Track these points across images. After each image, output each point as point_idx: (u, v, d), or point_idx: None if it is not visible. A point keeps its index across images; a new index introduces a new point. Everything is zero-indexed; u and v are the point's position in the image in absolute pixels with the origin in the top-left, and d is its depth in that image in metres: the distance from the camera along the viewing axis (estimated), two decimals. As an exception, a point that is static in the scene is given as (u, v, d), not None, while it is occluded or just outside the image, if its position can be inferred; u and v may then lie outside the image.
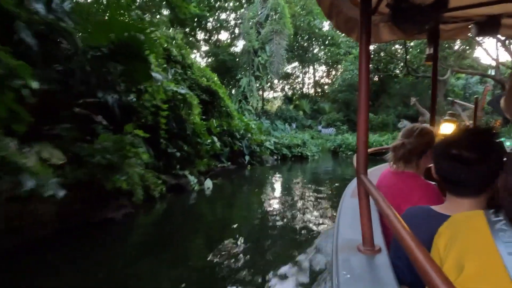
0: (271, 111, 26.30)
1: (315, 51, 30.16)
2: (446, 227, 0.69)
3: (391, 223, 0.59)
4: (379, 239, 0.96)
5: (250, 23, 19.54)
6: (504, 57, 24.82)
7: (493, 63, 19.67)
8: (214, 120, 8.44)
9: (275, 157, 12.71)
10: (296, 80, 35.91)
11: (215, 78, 9.84)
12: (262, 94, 31.63)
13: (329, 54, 26.86)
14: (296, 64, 33.54)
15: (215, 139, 7.68)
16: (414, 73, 19.87)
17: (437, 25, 1.92)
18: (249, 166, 10.10)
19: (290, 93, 35.30)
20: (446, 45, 23.27)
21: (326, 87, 33.10)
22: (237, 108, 19.48)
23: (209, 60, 24.62)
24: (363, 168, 0.97)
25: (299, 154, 13.51)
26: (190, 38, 25.71)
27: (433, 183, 1.31)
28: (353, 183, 1.78)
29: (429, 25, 1.20)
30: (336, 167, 12.34)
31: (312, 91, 34.35)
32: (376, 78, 25.74)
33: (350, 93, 23.77)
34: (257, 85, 20.71)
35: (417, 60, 21.99)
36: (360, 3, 0.94)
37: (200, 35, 27.56)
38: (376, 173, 1.64)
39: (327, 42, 27.50)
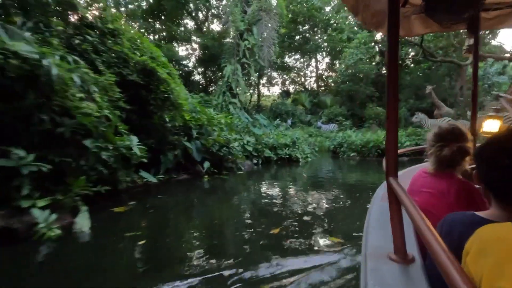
0: (266, 106, 23.59)
1: (316, 38, 27.07)
2: (471, 243, 0.64)
3: (421, 234, 0.57)
4: (412, 247, 0.89)
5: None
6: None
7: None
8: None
9: (255, 160, 9.92)
10: (298, 74, 33.10)
11: (161, 57, 7.07)
12: (258, 89, 28.92)
13: (330, 41, 23.71)
14: (297, 56, 30.94)
15: (134, 140, 4.93)
16: (431, 58, 16.80)
17: (478, 13, 1.71)
18: (206, 176, 7.29)
19: (291, 87, 32.63)
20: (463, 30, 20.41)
21: (330, 80, 30.10)
22: (221, 102, 16.80)
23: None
24: (393, 171, 0.90)
25: (287, 156, 10.70)
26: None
27: (477, 186, 1.15)
28: (384, 186, 1.45)
29: (468, 14, 1.15)
30: (335, 171, 9.48)
31: (315, 85, 31.54)
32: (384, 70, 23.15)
33: (354, 83, 20.73)
34: (253, 78, 17.86)
35: (434, 43, 19.03)
36: None
37: (191, 23, 24.97)
38: (407, 175, 1.48)
39: (328, 30, 24.39)
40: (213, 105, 15.91)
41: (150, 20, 22.27)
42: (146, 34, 21.06)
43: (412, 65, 24.32)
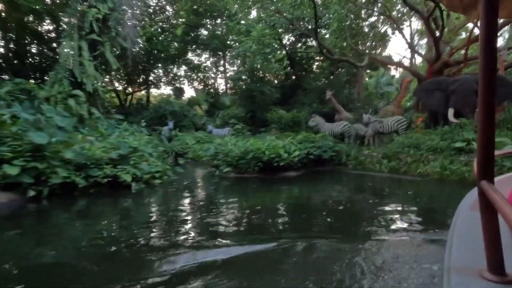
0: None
1: (218, 32, 23.83)
2: None
3: None
4: (510, 265, 0.74)
5: None
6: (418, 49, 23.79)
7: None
8: None
9: (33, 192, 5.31)
10: (207, 73, 29.29)
11: None
12: (148, 86, 23.81)
13: (229, 32, 20.67)
14: (207, 55, 27.30)
15: None
16: (329, 55, 15.26)
17: None
18: None
19: (200, 88, 28.60)
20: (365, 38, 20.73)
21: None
22: (55, 93, 11.37)
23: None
24: (487, 173, 0.74)
25: (109, 179, 6.39)
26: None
27: None
28: (472, 194, 1.42)
29: None
30: (170, 212, 5.61)
31: (225, 86, 28.28)
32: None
33: (252, 81, 18.03)
34: (114, 65, 12.74)
35: (332, 42, 18.00)
36: None
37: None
38: (507, 181, 1.35)
39: (226, 20, 21.40)
40: (41, 97, 10.46)
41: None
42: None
43: (317, 70, 23.94)
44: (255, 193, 6.80)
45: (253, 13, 22.45)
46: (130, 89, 22.65)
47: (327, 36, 19.58)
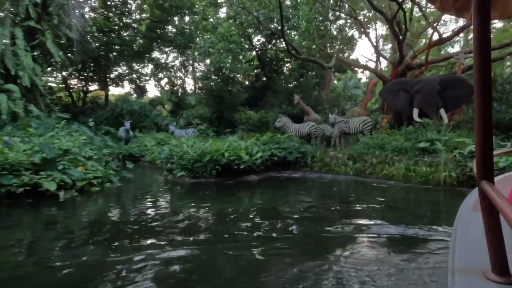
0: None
1: (186, 30, 22.76)
2: None
3: None
4: None
5: None
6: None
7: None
8: None
9: None
10: (175, 72, 27.95)
11: None
12: (105, 84, 21.97)
13: (194, 28, 19.73)
14: (175, 54, 25.99)
15: None
16: (296, 54, 14.94)
17: None
18: None
19: (168, 88, 27.16)
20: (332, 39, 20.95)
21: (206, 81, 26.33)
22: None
23: None
24: (487, 173, 0.73)
25: (25, 188, 5.25)
26: None
27: None
28: (473, 194, 1.39)
29: None
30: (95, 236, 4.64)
31: (193, 86, 27.11)
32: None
33: (221, 80, 17.22)
34: (57, 58, 11.17)
35: (299, 43, 17.79)
36: None
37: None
38: (507, 181, 1.33)
39: (190, 16, 20.48)
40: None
41: None
42: None
43: (287, 72, 23.83)
44: (200, 201, 6.00)
45: (223, 11, 21.82)
46: (86, 86, 20.72)
47: (296, 37, 19.49)
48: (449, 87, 9.39)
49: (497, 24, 18.50)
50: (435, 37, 14.28)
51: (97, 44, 17.77)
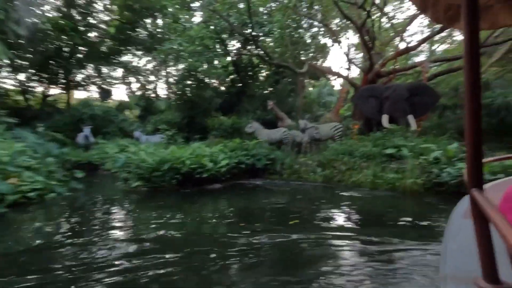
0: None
1: (158, 33, 21.97)
2: None
3: None
4: (504, 273, 0.74)
5: None
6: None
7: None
8: None
9: None
10: (148, 77, 26.80)
11: None
12: (69, 87, 20.53)
13: (165, 30, 19.07)
14: (149, 58, 24.95)
15: None
16: (269, 59, 14.79)
17: None
18: None
19: (139, 93, 25.93)
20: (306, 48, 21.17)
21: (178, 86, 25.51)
22: None
23: None
24: (477, 181, 0.75)
25: None
26: None
27: None
28: (464, 201, 1.40)
29: None
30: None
31: (167, 92, 26.12)
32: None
33: (194, 85, 16.62)
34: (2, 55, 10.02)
35: (271, 49, 17.73)
36: None
37: None
38: (498, 188, 1.23)
39: (160, 17, 19.82)
40: None
41: None
42: None
43: (262, 78, 23.73)
44: (153, 211, 5.39)
45: (199, 15, 21.37)
46: (47, 89, 19.19)
47: (271, 44, 19.45)
48: (417, 94, 9.51)
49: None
50: (403, 46, 14.75)
51: (56, 44, 16.50)
